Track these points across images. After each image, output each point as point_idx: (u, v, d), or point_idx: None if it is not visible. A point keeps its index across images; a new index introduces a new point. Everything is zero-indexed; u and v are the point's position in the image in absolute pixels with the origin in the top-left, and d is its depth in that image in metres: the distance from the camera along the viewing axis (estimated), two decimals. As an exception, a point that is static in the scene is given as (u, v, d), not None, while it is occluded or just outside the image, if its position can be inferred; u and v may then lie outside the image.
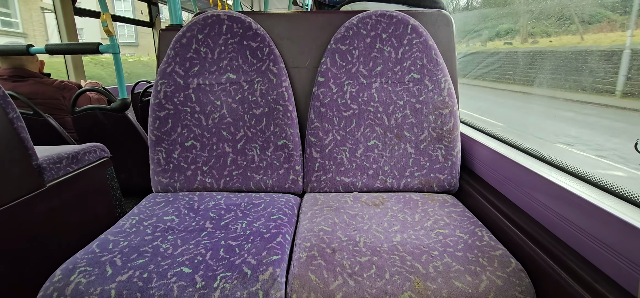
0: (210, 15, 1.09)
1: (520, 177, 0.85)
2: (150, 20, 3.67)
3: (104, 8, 1.79)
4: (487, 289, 0.66)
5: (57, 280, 0.68)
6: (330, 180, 1.10)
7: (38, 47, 1.82)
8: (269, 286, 0.66)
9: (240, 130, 1.09)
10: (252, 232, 0.83)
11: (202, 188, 1.10)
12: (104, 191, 1.37)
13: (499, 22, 1.91)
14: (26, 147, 1.01)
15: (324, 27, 1.17)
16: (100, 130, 1.84)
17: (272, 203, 0.99)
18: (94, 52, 1.79)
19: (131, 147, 1.88)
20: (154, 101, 1.07)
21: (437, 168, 1.07)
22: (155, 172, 1.09)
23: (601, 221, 0.61)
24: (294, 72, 1.18)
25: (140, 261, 0.72)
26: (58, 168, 1.13)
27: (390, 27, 1.08)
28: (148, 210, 0.95)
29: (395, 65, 1.09)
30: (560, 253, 0.67)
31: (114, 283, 0.67)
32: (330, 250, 0.76)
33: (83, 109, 1.79)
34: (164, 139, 1.08)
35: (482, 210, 0.95)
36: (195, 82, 1.08)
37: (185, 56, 1.08)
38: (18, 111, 1.00)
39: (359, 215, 0.93)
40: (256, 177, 1.09)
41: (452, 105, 1.06)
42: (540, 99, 1.52)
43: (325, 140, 1.09)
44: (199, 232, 0.84)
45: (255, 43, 1.09)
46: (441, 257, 0.74)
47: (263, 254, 0.73)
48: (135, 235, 0.82)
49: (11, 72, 1.84)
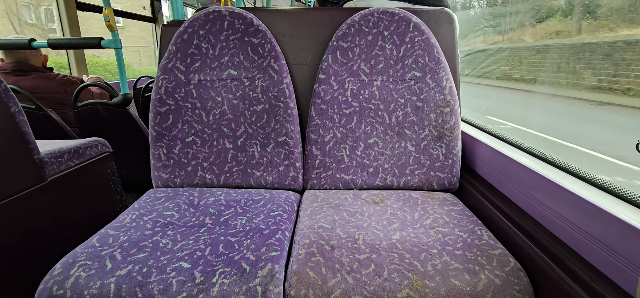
0: (212, 11, 1.08)
1: (520, 176, 0.85)
2: (152, 16, 3.67)
3: (106, 3, 1.79)
4: (485, 288, 0.66)
5: (57, 273, 0.68)
6: (331, 178, 1.10)
7: (40, 41, 1.83)
8: (267, 282, 0.67)
9: (241, 126, 1.09)
10: (251, 228, 0.83)
11: (202, 184, 1.10)
12: (105, 186, 1.37)
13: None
14: (28, 141, 1.02)
15: (326, 24, 1.17)
16: (101, 125, 1.84)
17: (272, 199, 0.99)
18: (96, 47, 1.79)
19: (132, 142, 1.89)
20: (155, 97, 1.07)
21: (437, 166, 1.07)
22: (156, 167, 1.09)
23: (600, 221, 0.61)
24: (295, 69, 1.18)
25: (140, 256, 0.73)
26: (59, 162, 1.14)
27: (392, 25, 1.08)
28: (148, 205, 0.95)
29: (397, 63, 1.08)
30: (559, 252, 0.67)
31: (113, 278, 0.67)
32: (330, 247, 0.76)
33: (85, 104, 1.80)
34: (164, 134, 1.08)
35: (482, 209, 0.95)
36: (196, 78, 1.08)
37: (186, 52, 1.08)
38: (20, 105, 1.00)
39: (359, 212, 0.93)
40: (256, 173, 1.10)
41: (454, 103, 1.06)
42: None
43: (325, 137, 1.09)
44: (199, 228, 0.85)
45: (256, 39, 1.08)
46: (440, 255, 0.74)
47: (262, 250, 0.73)
48: (135, 230, 0.82)
49: (14, 66, 1.85)
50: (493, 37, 2.15)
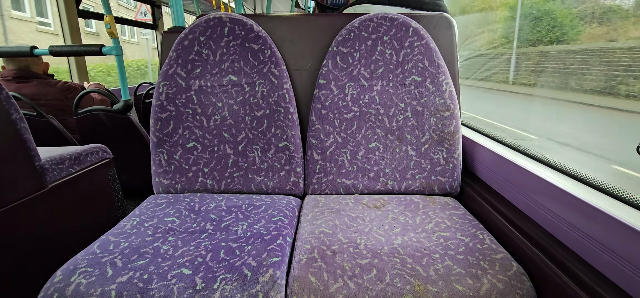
0: (212, 18, 1.09)
1: (521, 179, 0.85)
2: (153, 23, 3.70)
3: (107, 10, 1.80)
4: (488, 292, 0.66)
5: (58, 280, 0.68)
6: (331, 182, 1.10)
7: (42, 48, 1.84)
8: (269, 288, 0.66)
9: (242, 132, 1.09)
10: (252, 233, 0.83)
11: (203, 189, 1.10)
12: (105, 192, 1.37)
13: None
14: (29, 148, 1.02)
15: (326, 30, 1.18)
16: (102, 131, 1.85)
17: (273, 205, 0.99)
18: (97, 54, 1.80)
19: (133, 148, 1.89)
20: (156, 103, 1.07)
21: (438, 170, 1.07)
22: (157, 173, 1.09)
23: (603, 224, 0.60)
24: (296, 74, 1.18)
25: (141, 262, 0.72)
26: (60, 169, 1.14)
27: (391, 30, 1.09)
28: (149, 211, 0.95)
29: (397, 68, 1.09)
30: (561, 256, 0.67)
31: (114, 284, 0.67)
32: (331, 253, 0.76)
33: (86, 110, 1.80)
34: (165, 140, 1.08)
35: (484, 213, 0.95)
36: (196, 84, 1.08)
37: (187, 58, 1.08)
38: (21, 112, 1.01)
39: (360, 217, 0.93)
40: (257, 178, 1.09)
41: (454, 107, 1.06)
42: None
43: (326, 142, 1.09)
44: (200, 234, 0.84)
45: (257, 45, 1.09)
46: (442, 259, 0.74)
47: (263, 256, 0.73)
48: (136, 236, 0.82)
49: (16, 73, 1.85)
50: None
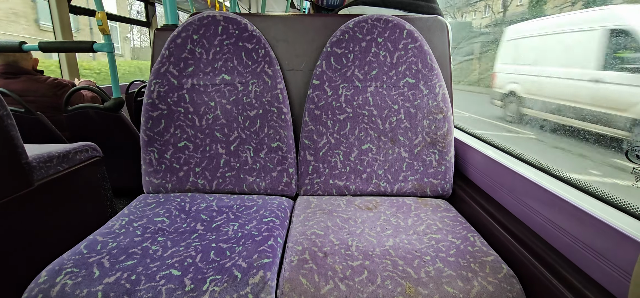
0: (206, 16, 1.08)
1: (513, 183, 0.86)
2: (147, 20, 3.66)
3: (99, 6, 1.77)
4: (478, 295, 0.66)
5: (43, 281, 0.67)
6: (324, 183, 1.10)
7: (31, 44, 1.80)
8: (259, 290, 0.66)
9: (234, 131, 1.08)
10: (243, 234, 0.82)
11: (194, 189, 1.09)
12: (94, 191, 1.35)
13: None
14: (15, 145, 0.99)
15: (320, 30, 1.17)
16: (93, 129, 1.82)
17: (265, 205, 0.98)
18: (88, 51, 1.77)
19: (124, 146, 1.87)
20: (147, 101, 1.06)
21: (430, 173, 1.07)
22: (147, 172, 1.08)
23: (592, 228, 0.61)
24: (289, 74, 1.18)
25: (129, 263, 0.71)
26: (48, 167, 1.12)
27: (385, 32, 1.09)
28: (138, 211, 0.93)
29: (391, 70, 1.09)
30: (551, 259, 0.67)
31: (101, 286, 0.65)
32: (322, 254, 0.75)
33: (76, 108, 1.77)
34: (156, 139, 1.06)
35: (475, 216, 0.95)
36: (189, 83, 1.07)
37: (179, 56, 1.07)
38: (8, 108, 0.98)
39: (352, 218, 0.93)
40: (249, 178, 1.09)
41: (446, 110, 1.07)
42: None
43: (319, 143, 1.09)
44: (190, 234, 0.83)
45: (250, 45, 1.08)
46: (433, 262, 0.74)
47: (254, 257, 0.72)
48: (124, 236, 0.81)
49: (4, 68, 1.82)
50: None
